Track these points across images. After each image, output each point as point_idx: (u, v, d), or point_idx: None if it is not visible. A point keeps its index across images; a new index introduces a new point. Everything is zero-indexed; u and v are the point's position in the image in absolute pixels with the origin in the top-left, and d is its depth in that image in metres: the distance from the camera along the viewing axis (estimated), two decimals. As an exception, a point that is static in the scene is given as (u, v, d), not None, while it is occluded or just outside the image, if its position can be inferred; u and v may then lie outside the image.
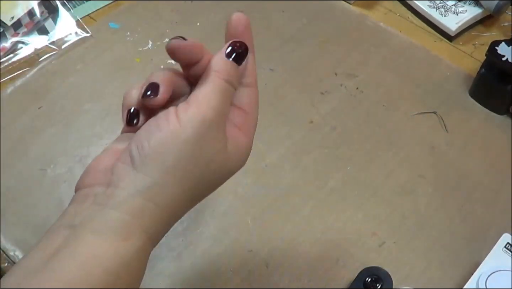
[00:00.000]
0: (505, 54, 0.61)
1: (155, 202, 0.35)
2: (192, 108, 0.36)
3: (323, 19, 0.75)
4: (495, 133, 0.63)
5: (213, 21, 0.74)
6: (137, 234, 0.34)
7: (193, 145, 0.35)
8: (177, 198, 0.36)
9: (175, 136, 0.35)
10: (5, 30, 0.71)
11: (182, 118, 0.36)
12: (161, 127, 0.36)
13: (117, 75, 0.68)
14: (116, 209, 0.34)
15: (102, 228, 0.33)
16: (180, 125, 0.35)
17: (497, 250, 0.50)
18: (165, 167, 0.35)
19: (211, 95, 0.37)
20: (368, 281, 0.49)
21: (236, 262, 0.53)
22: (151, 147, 0.35)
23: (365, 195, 0.58)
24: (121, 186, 0.35)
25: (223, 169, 0.38)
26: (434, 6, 0.74)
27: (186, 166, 0.35)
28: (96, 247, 0.32)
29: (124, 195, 0.34)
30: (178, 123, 0.35)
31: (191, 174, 0.36)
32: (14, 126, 0.63)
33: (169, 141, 0.35)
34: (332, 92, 0.67)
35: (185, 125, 0.35)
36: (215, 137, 0.37)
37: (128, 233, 0.33)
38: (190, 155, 0.35)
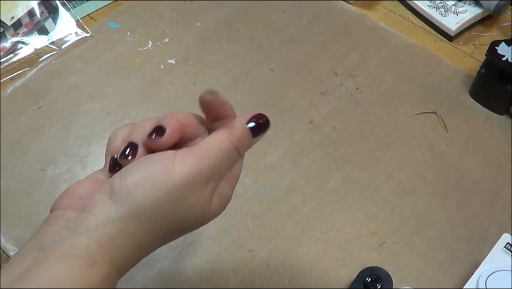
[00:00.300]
0: (505, 54, 0.61)
1: (126, 233, 0.35)
2: (191, 158, 0.36)
3: (323, 19, 0.75)
4: (495, 133, 0.63)
5: (213, 21, 0.74)
6: (103, 262, 0.34)
7: (177, 193, 0.35)
8: (148, 235, 0.36)
9: (162, 179, 0.35)
10: (5, 30, 0.71)
11: (178, 164, 0.35)
12: (152, 165, 0.35)
13: (117, 75, 0.68)
14: (85, 235, 0.34)
15: (68, 254, 0.33)
16: (172, 170, 0.35)
17: (497, 250, 0.50)
18: (142, 204, 0.35)
19: (215, 154, 0.37)
20: (368, 281, 0.49)
21: (236, 262, 0.53)
22: (135, 181, 0.35)
23: (365, 195, 0.58)
24: (94, 213, 0.34)
25: (201, 219, 0.38)
26: (434, 6, 0.74)
27: (164, 209, 0.35)
28: (60, 272, 0.32)
29: (96, 222, 0.34)
30: (172, 167, 0.35)
31: (168, 216, 0.36)
32: (14, 126, 0.63)
33: (155, 181, 0.35)
34: (332, 92, 0.67)
35: (179, 171, 0.35)
36: (202, 193, 0.37)
37: (94, 261, 0.33)
38: (172, 201, 0.35)
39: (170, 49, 0.71)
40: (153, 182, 0.35)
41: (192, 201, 0.36)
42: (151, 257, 0.53)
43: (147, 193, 0.35)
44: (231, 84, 0.67)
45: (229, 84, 0.67)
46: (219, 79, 0.68)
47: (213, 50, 0.71)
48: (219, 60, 0.70)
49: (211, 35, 0.73)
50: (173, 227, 0.37)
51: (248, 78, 0.68)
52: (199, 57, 0.70)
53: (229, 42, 0.72)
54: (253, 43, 0.72)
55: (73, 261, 0.33)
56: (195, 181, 0.36)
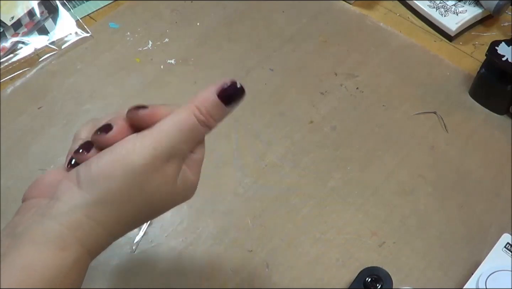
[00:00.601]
0: (505, 54, 0.61)
1: (94, 218, 0.36)
2: (150, 138, 0.36)
3: (323, 19, 0.75)
4: (495, 133, 0.63)
5: (213, 21, 0.74)
6: (74, 246, 0.35)
7: (140, 174, 0.36)
8: (116, 219, 0.37)
9: (124, 163, 0.36)
10: (5, 30, 0.71)
11: (139, 146, 0.36)
12: (114, 151, 0.36)
13: (117, 75, 0.68)
14: (55, 221, 0.35)
15: (41, 238, 0.34)
16: (133, 152, 0.36)
17: (497, 250, 0.50)
18: (108, 189, 0.36)
19: (175, 130, 0.37)
20: (368, 281, 0.49)
21: (236, 262, 0.53)
22: (99, 168, 0.36)
23: (365, 195, 0.58)
24: (63, 200, 0.36)
25: (168, 200, 0.39)
26: (434, 6, 0.74)
27: (130, 192, 0.36)
28: (34, 256, 0.33)
29: (64, 208, 0.35)
30: (132, 149, 0.36)
31: (134, 200, 0.36)
32: (14, 126, 0.63)
33: (118, 166, 0.36)
34: (332, 92, 0.67)
35: (138, 154, 0.36)
36: (164, 173, 0.37)
37: (65, 244, 0.34)
38: (136, 182, 0.36)
39: (170, 49, 0.71)
40: (116, 168, 0.36)
41: (155, 182, 0.37)
42: (151, 257, 0.53)
43: (111, 178, 0.36)
44: (231, 84, 0.67)
45: (229, 84, 0.67)
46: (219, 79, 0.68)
47: (213, 50, 0.71)
48: (219, 60, 0.70)
49: (211, 35, 0.73)
50: (139, 209, 0.37)
51: (248, 78, 0.68)
52: (199, 57, 0.70)
53: (229, 42, 0.72)
54: (253, 43, 0.72)
55: (45, 245, 0.34)
56: (155, 162, 0.36)
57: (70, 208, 0.35)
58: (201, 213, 0.56)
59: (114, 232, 0.37)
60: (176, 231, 0.55)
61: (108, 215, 0.36)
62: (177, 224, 0.56)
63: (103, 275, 0.52)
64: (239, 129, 0.63)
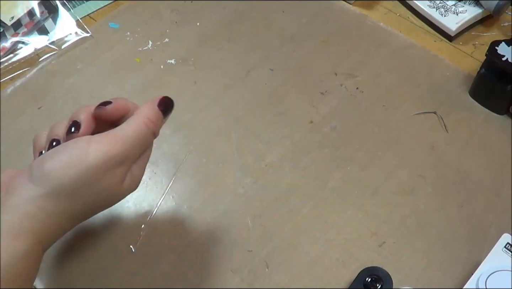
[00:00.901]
0: (505, 54, 0.61)
1: (46, 210, 0.39)
2: (106, 143, 0.40)
3: (323, 19, 0.75)
4: (495, 133, 0.63)
5: (213, 21, 0.74)
6: (26, 235, 0.38)
7: (92, 174, 0.39)
8: (66, 211, 0.40)
9: (78, 161, 0.39)
10: (5, 30, 0.71)
11: (93, 148, 0.39)
12: (68, 149, 0.40)
13: (117, 75, 0.68)
14: (8, 213, 0.38)
15: None
16: (87, 153, 0.39)
17: (497, 250, 0.50)
18: (60, 184, 0.39)
19: (130, 137, 0.41)
20: (368, 281, 0.49)
21: (236, 262, 0.53)
22: (52, 165, 0.39)
23: (365, 195, 0.58)
24: (16, 193, 0.39)
25: (115, 196, 0.43)
26: (434, 6, 0.74)
27: (80, 188, 0.39)
28: None
29: (17, 201, 0.38)
30: (87, 150, 0.39)
31: (84, 196, 0.40)
32: (14, 126, 0.63)
33: (71, 164, 0.39)
34: (332, 92, 0.67)
35: (93, 155, 0.39)
36: (114, 174, 0.41)
37: (17, 234, 0.37)
38: (87, 180, 0.39)
39: (170, 49, 0.71)
40: (69, 164, 0.39)
41: (105, 181, 0.40)
42: (151, 257, 0.53)
43: (63, 173, 0.39)
44: (231, 84, 0.67)
45: (229, 84, 0.67)
46: (219, 79, 0.68)
47: (213, 50, 0.71)
48: (219, 60, 0.70)
49: (211, 35, 0.73)
50: (88, 205, 0.41)
51: (248, 78, 0.68)
52: (199, 57, 0.70)
53: (229, 42, 0.72)
54: (253, 43, 0.72)
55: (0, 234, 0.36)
56: (109, 164, 0.40)
57: (23, 200, 0.38)
58: (201, 213, 0.56)
59: (64, 224, 0.40)
60: (176, 231, 0.55)
61: (59, 208, 0.39)
62: (177, 224, 0.56)
63: (103, 275, 0.52)
64: (239, 129, 0.63)
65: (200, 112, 0.65)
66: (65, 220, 0.40)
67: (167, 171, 0.59)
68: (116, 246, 0.54)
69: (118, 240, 0.54)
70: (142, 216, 0.56)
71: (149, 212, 0.56)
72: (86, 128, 0.42)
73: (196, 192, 0.58)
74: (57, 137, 0.43)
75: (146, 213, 0.56)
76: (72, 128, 0.42)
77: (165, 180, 0.59)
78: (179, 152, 0.61)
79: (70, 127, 0.42)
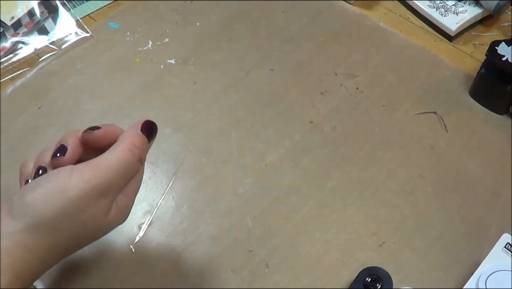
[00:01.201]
0: (505, 54, 0.61)
1: (25, 246, 0.37)
2: (89, 172, 0.38)
3: (323, 19, 0.75)
4: (495, 133, 0.63)
5: (213, 21, 0.74)
6: (4, 272, 0.36)
7: (75, 205, 0.37)
8: (47, 246, 0.38)
9: (59, 193, 0.37)
10: (5, 30, 0.71)
11: (75, 178, 0.37)
12: (49, 181, 0.38)
13: (117, 75, 0.68)
14: None
15: None
16: (69, 184, 0.37)
17: (497, 250, 0.50)
18: (40, 218, 0.37)
19: (113, 165, 0.39)
20: (368, 281, 0.49)
21: (236, 262, 0.53)
22: (33, 197, 0.37)
23: (365, 195, 0.58)
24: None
25: (100, 229, 0.41)
26: (434, 6, 0.74)
27: (62, 222, 0.37)
28: None
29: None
30: (68, 181, 0.37)
31: (66, 228, 0.38)
32: (14, 126, 0.63)
33: (53, 195, 0.37)
34: (332, 92, 0.67)
35: (74, 185, 0.37)
36: (98, 206, 0.39)
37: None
38: (69, 213, 0.37)
39: (170, 49, 0.71)
40: (50, 196, 0.37)
41: (88, 213, 0.38)
42: (151, 257, 0.53)
43: (44, 207, 0.37)
44: (231, 84, 0.67)
45: (229, 84, 0.67)
46: (219, 79, 0.68)
47: (213, 50, 0.71)
48: (219, 60, 0.70)
49: (211, 35, 0.73)
50: (72, 238, 0.39)
51: (248, 78, 0.68)
52: (199, 57, 0.70)
53: (229, 42, 0.72)
54: (253, 43, 0.72)
55: None
56: (91, 195, 0.38)
57: (1, 236, 0.36)
58: (201, 213, 0.56)
59: (46, 259, 0.38)
60: (176, 231, 0.55)
61: (39, 242, 0.37)
62: (177, 224, 0.56)
63: (103, 275, 0.52)
64: (239, 129, 0.63)
65: (200, 112, 0.65)
66: (47, 255, 0.38)
67: (167, 171, 0.59)
68: (116, 246, 0.54)
69: (118, 240, 0.54)
70: (142, 216, 0.56)
71: (149, 212, 0.56)
72: (73, 153, 0.41)
73: (196, 192, 0.58)
74: (43, 164, 0.41)
75: (146, 213, 0.56)
76: (58, 154, 0.40)
77: (165, 180, 0.59)
78: (179, 152, 0.61)
79: (55, 152, 0.41)
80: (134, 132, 0.42)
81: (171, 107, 0.65)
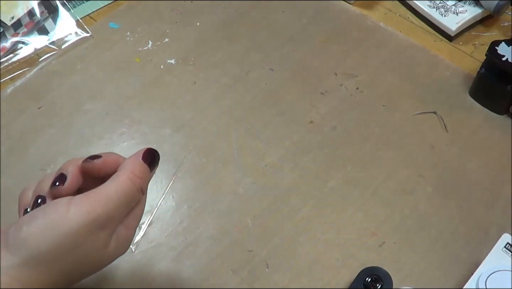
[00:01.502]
0: (505, 54, 0.61)
1: (21, 281, 0.35)
2: (87, 205, 0.37)
3: (323, 19, 0.75)
4: (495, 133, 0.63)
5: (213, 21, 0.74)
6: None
7: (72, 240, 0.36)
8: (45, 281, 0.36)
9: (56, 226, 0.36)
10: (5, 30, 0.71)
11: (73, 211, 0.36)
12: (46, 213, 0.37)
13: (117, 75, 0.68)
14: None
15: None
16: (66, 217, 0.36)
17: (497, 250, 0.50)
18: (37, 251, 0.36)
19: (113, 196, 0.38)
20: (368, 281, 0.49)
21: (236, 262, 0.53)
22: (30, 230, 0.36)
23: (365, 195, 0.58)
24: None
25: (99, 263, 0.39)
26: (434, 6, 0.74)
27: (59, 256, 0.36)
28: None
29: None
30: (66, 214, 0.36)
31: (63, 263, 0.36)
32: (14, 126, 0.63)
33: (49, 229, 0.36)
34: (332, 92, 0.67)
35: (72, 219, 0.36)
36: (97, 239, 0.37)
37: None
38: (66, 247, 0.36)
39: (170, 49, 0.71)
40: (47, 229, 0.36)
41: (87, 246, 0.37)
42: (151, 257, 0.53)
43: (41, 240, 0.36)
44: (231, 84, 0.67)
45: (229, 84, 0.67)
46: (219, 79, 0.68)
47: (213, 50, 0.71)
48: (219, 60, 0.70)
49: (211, 35, 0.73)
50: (69, 272, 0.37)
51: (248, 78, 0.68)
52: (199, 57, 0.70)
53: (229, 42, 0.72)
54: (253, 43, 0.72)
55: None
56: (90, 228, 0.36)
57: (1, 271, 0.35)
58: (201, 213, 0.56)
59: None
60: (176, 231, 0.55)
61: (36, 277, 0.36)
62: (177, 224, 0.56)
63: (102, 275, 0.52)
64: (239, 129, 0.63)
65: (200, 112, 0.65)
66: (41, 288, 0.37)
67: (167, 171, 0.59)
68: (116, 246, 0.54)
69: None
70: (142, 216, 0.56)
71: (149, 212, 0.56)
72: (72, 182, 0.39)
73: (196, 192, 0.58)
74: (42, 193, 0.40)
75: (146, 213, 0.56)
76: (57, 183, 0.39)
77: (165, 180, 0.59)
78: (179, 152, 0.61)
79: (54, 181, 0.39)
80: (135, 161, 0.40)
81: (171, 107, 0.65)
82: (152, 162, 0.41)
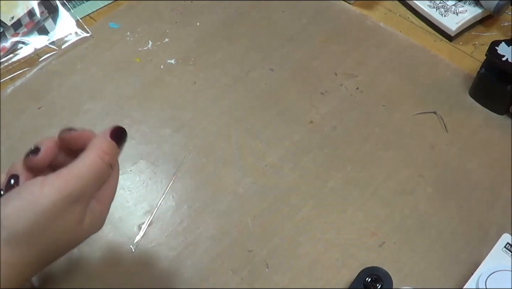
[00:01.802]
0: (505, 54, 0.61)
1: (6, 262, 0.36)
2: (59, 182, 0.38)
3: (323, 19, 0.75)
4: (495, 133, 0.63)
5: (213, 21, 0.74)
6: None
7: (48, 216, 0.37)
8: (24, 259, 0.38)
9: (32, 206, 0.37)
10: (5, 30, 0.71)
11: (46, 188, 0.37)
12: (21, 194, 0.38)
13: (117, 75, 0.68)
14: None
15: None
16: (40, 196, 0.37)
17: (497, 250, 0.50)
18: (15, 231, 0.37)
19: (84, 172, 0.39)
20: (368, 281, 0.49)
21: (236, 262, 0.53)
22: (6, 212, 0.37)
23: (365, 195, 0.58)
24: None
25: (76, 238, 0.41)
26: (434, 6, 0.74)
27: (37, 233, 0.37)
28: None
29: None
30: (40, 193, 0.37)
31: (41, 241, 0.38)
32: (14, 126, 0.63)
33: (25, 209, 0.37)
34: (332, 92, 0.67)
35: (46, 197, 0.37)
36: (73, 213, 0.39)
37: None
38: (42, 224, 0.37)
39: (170, 49, 0.71)
40: (23, 209, 0.37)
41: (63, 222, 0.38)
42: (151, 257, 0.53)
43: (18, 220, 0.37)
44: (231, 84, 0.67)
45: (229, 84, 0.67)
46: (219, 79, 0.68)
47: (213, 50, 0.71)
48: (219, 60, 0.70)
49: (211, 35, 0.73)
50: (47, 249, 0.39)
51: (248, 78, 0.68)
52: (199, 57, 0.70)
53: (229, 42, 0.72)
54: (253, 43, 0.72)
55: None
56: (63, 205, 0.38)
57: None
58: (201, 213, 0.56)
59: (23, 272, 0.38)
60: (176, 231, 0.55)
61: (15, 256, 0.37)
62: (177, 224, 0.56)
63: (102, 275, 0.52)
64: (239, 129, 0.63)
65: (200, 112, 0.65)
66: (24, 267, 0.38)
67: (167, 171, 0.59)
68: (116, 246, 0.54)
69: (118, 240, 0.54)
70: (142, 216, 0.56)
71: (149, 212, 0.56)
72: (46, 154, 0.41)
73: (196, 192, 0.58)
74: (15, 172, 0.41)
75: (146, 213, 0.56)
76: (30, 155, 0.40)
77: (165, 180, 0.59)
78: (179, 152, 0.61)
79: (28, 153, 0.41)
80: (103, 139, 0.42)
81: (171, 107, 0.65)
82: (120, 140, 0.43)
